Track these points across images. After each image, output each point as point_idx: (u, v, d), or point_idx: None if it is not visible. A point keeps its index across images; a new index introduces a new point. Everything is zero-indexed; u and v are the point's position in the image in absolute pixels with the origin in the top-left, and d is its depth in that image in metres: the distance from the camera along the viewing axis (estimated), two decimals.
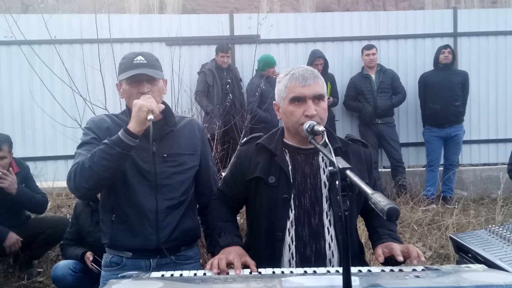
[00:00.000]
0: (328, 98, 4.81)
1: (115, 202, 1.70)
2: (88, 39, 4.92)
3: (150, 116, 1.52)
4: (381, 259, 1.45)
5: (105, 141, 1.54)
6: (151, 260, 1.72)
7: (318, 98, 1.53)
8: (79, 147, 1.66)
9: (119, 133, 1.53)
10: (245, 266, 1.44)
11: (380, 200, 0.94)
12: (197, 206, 1.93)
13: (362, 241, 1.82)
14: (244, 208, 1.81)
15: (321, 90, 1.54)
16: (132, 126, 1.53)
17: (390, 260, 1.46)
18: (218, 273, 1.36)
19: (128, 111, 1.73)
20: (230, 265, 1.43)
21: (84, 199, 2.72)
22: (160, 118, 1.76)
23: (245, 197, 1.68)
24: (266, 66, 4.93)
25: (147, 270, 1.71)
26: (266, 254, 1.54)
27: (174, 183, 1.72)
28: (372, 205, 0.96)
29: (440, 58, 4.91)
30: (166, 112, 1.77)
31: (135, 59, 1.66)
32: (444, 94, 4.83)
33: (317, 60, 4.99)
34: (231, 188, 1.71)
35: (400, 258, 1.40)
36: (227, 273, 1.37)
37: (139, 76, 1.64)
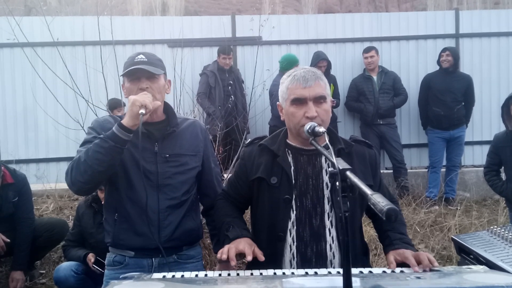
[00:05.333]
0: (333, 101, 4.79)
1: (117, 201, 1.73)
2: (91, 41, 4.97)
3: (142, 111, 1.54)
4: (393, 266, 1.42)
5: (100, 135, 1.58)
6: (153, 259, 1.74)
7: (319, 99, 1.52)
8: (81, 145, 1.69)
9: (113, 127, 1.57)
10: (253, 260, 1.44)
11: (379, 200, 0.94)
12: (201, 207, 1.94)
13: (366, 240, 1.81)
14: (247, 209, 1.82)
15: (322, 92, 1.53)
16: (125, 120, 1.57)
17: (401, 265, 1.44)
18: (226, 260, 1.39)
19: None
20: (240, 256, 1.45)
21: (80, 194, 2.68)
22: (163, 119, 1.79)
23: (249, 197, 1.69)
24: (290, 65, 4.78)
25: (149, 269, 1.73)
26: (267, 254, 1.54)
27: (175, 183, 1.74)
28: (371, 205, 0.96)
29: (441, 61, 4.92)
30: (169, 113, 1.80)
31: (136, 58, 1.70)
32: (447, 99, 4.83)
33: (320, 63, 4.96)
34: (236, 189, 1.73)
35: (416, 269, 1.35)
36: (235, 264, 1.39)
37: (137, 72, 1.66)
